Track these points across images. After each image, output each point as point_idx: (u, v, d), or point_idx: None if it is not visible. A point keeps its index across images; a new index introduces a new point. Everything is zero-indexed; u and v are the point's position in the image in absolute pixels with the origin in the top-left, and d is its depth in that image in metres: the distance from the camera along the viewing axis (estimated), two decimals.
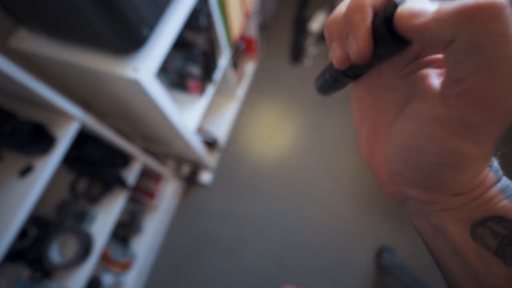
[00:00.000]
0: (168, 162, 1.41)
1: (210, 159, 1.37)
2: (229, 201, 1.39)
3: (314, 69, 1.63)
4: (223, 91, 1.46)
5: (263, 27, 1.69)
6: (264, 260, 1.26)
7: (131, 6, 0.58)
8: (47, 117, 0.70)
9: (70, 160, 0.86)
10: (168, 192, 1.31)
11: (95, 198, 0.95)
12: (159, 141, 1.25)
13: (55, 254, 0.86)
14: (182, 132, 0.95)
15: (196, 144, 1.12)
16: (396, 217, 1.26)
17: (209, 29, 0.98)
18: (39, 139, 0.65)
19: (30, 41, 0.72)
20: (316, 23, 1.69)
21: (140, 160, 1.01)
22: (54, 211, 0.96)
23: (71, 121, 0.70)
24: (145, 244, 1.23)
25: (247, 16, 1.25)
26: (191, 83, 1.03)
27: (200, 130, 1.36)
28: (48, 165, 0.66)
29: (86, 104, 1.03)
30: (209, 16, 0.94)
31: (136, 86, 0.68)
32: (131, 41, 0.64)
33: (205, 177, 1.41)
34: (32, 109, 0.72)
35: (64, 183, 0.99)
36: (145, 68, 0.67)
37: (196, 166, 1.42)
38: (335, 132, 1.43)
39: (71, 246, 0.89)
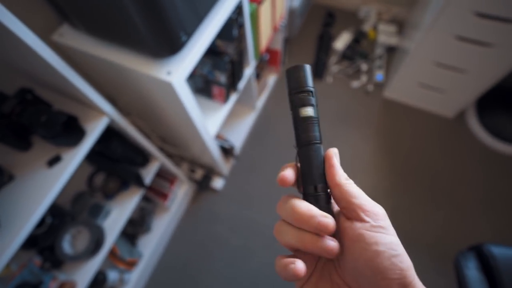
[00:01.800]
0: (182, 165, 1.43)
1: (224, 165, 1.38)
2: (239, 209, 1.39)
3: (334, 86, 1.64)
4: (244, 100, 1.48)
5: (288, 41, 1.72)
6: (269, 272, 1.24)
7: (175, 13, 0.61)
8: (80, 110, 0.72)
9: (92, 153, 0.88)
10: (180, 194, 1.32)
11: (111, 194, 0.97)
12: (177, 143, 1.26)
13: (67, 245, 0.87)
14: (203, 136, 0.96)
15: (214, 149, 1.13)
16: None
17: (240, 39, 1.00)
18: (70, 131, 0.67)
19: (72, 37, 0.75)
20: (340, 43, 1.71)
21: (159, 160, 1.02)
22: (70, 202, 0.97)
23: (101, 116, 0.72)
24: (152, 244, 1.23)
25: (275, 30, 1.27)
26: (216, 90, 1.05)
27: (219, 137, 1.37)
28: (76, 157, 0.68)
29: (111, 100, 1.05)
30: (241, 27, 0.96)
31: (167, 88, 0.70)
32: (169, 46, 0.66)
33: (217, 183, 1.42)
34: (66, 101, 0.74)
35: (82, 175, 1.01)
36: (178, 72, 0.69)
37: (209, 171, 1.43)
38: (349, 153, 1.43)
39: (83, 238, 0.90)
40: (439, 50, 1.18)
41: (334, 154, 0.26)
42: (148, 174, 1.01)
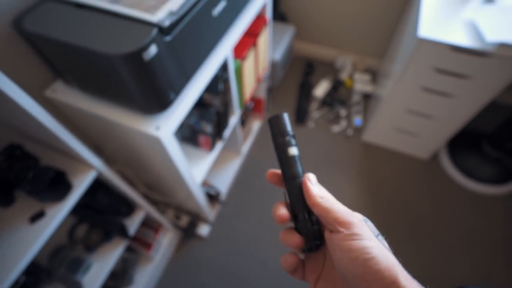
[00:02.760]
0: (168, 212, 1.41)
1: (210, 211, 1.37)
2: (225, 257, 1.35)
3: (316, 131, 1.72)
4: (229, 146, 1.53)
5: (271, 90, 1.83)
6: None
7: (166, 77, 0.66)
8: (67, 163, 0.73)
9: (76, 205, 0.87)
10: (165, 243, 1.28)
11: (93, 246, 0.94)
12: (163, 191, 1.26)
13: None
14: (189, 184, 0.98)
15: (200, 196, 1.14)
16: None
17: (225, 92, 1.07)
18: (56, 186, 0.67)
19: (64, 93, 0.79)
20: (320, 90, 1.84)
21: (144, 209, 1.02)
22: (47, 257, 0.93)
23: (89, 170, 0.73)
24: None
25: (258, 81, 1.37)
26: (202, 139, 1.09)
27: (205, 183, 1.38)
28: (60, 213, 0.68)
29: (98, 148, 1.07)
30: (226, 81, 1.04)
31: (156, 142, 0.73)
32: (158, 104, 0.71)
33: (203, 229, 1.40)
34: (54, 155, 0.75)
35: (62, 227, 0.98)
36: (166, 127, 0.72)
37: (195, 218, 1.41)
38: (333, 195, 1.45)
39: None
40: (408, 98, 1.29)
41: (307, 179, 0.30)
42: (133, 224, 0.99)
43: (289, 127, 0.32)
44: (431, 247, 1.33)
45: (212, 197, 1.37)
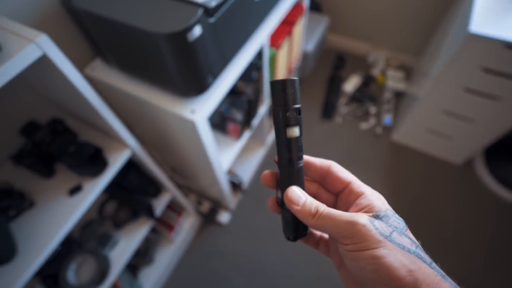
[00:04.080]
0: (190, 196, 1.43)
1: (232, 199, 1.37)
2: (243, 246, 1.36)
3: (343, 127, 1.67)
4: (255, 136, 1.52)
5: (300, 81, 1.79)
6: None
7: (206, 59, 0.65)
8: (103, 140, 0.75)
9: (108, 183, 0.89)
10: (186, 227, 1.31)
11: (120, 224, 0.96)
12: (187, 175, 1.28)
13: (72, 274, 0.85)
14: (216, 171, 0.98)
15: (224, 183, 1.14)
16: None
17: (257, 80, 1.06)
18: (94, 162, 0.69)
19: (103, 72, 0.80)
20: (350, 85, 1.78)
21: (170, 192, 1.03)
22: (78, 230, 0.97)
23: (124, 149, 0.74)
24: (154, 276, 1.19)
25: (289, 71, 1.34)
26: (231, 126, 1.09)
27: (229, 172, 1.39)
28: (96, 188, 0.69)
29: (128, 128, 1.09)
30: (259, 69, 1.02)
31: (190, 126, 0.73)
32: (196, 87, 0.70)
33: (223, 216, 1.41)
34: (91, 131, 0.77)
35: (93, 203, 1.01)
36: (201, 111, 0.72)
37: (216, 204, 1.42)
38: None
39: (89, 268, 0.89)
40: (447, 99, 1.22)
41: (290, 201, 0.26)
42: (159, 205, 1.01)
43: (298, 98, 0.25)
44: (456, 255, 1.27)
45: (235, 186, 1.37)
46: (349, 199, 0.26)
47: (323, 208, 0.24)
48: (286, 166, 0.26)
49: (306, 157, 0.29)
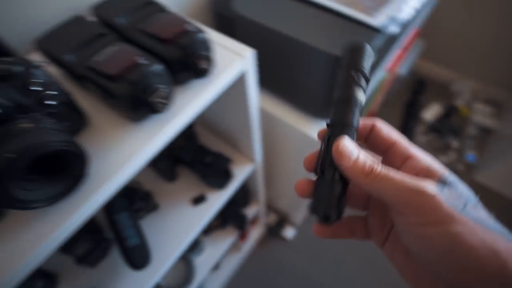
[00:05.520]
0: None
1: (299, 214, 1.33)
2: (306, 264, 1.31)
3: None
4: None
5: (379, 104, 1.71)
6: None
7: None
8: (229, 152, 0.73)
9: None
10: (253, 236, 1.28)
11: (209, 230, 0.95)
12: (267, 184, 1.24)
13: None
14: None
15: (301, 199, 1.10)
16: None
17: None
18: (222, 173, 0.67)
19: None
20: (430, 113, 1.68)
21: (260, 204, 1.00)
22: None
23: (249, 163, 0.72)
24: (218, 283, 1.18)
25: (383, 94, 1.28)
26: None
27: None
28: (219, 200, 0.67)
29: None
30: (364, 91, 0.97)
31: (311, 143, 0.70)
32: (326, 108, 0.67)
33: (289, 232, 1.37)
34: (217, 141, 0.75)
35: None
36: None
37: (283, 218, 1.39)
38: None
39: (176, 272, 0.88)
40: None
41: (342, 148, 0.20)
42: (247, 215, 0.99)
43: (368, 64, 0.24)
44: None
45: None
46: (394, 162, 0.22)
47: (380, 167, 0.19)
48: (338, 127, 0.22)
49: None
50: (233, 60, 0.40)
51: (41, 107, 0.29)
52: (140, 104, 0.32)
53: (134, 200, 0.61)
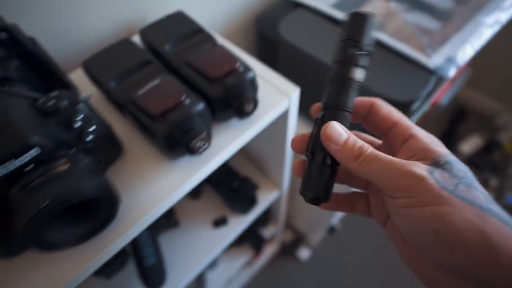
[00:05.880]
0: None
1: (316, 234, 1.29)
2: None
3: None
4: None
5: None
6: None
7: None
8: (256, 176, 0.71)
9: None
10: (266, 253, 1.25)
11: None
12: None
13: None
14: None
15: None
16: None
17: None
18: (247, 199, 0.65)
19: None
20: (468, 145, 1.57)
21: (279, 225, 0.98)
22: None
23: (275, 190, 0.69)
24: None
25: (420, 125, 1.21)
26: None
27: None
28: (241, 225, 0.66)
29: None
30: None
31: None
32: None
33: (303, 252, 1.33)
34: (250, 167, 0.73)
35: None
36: None
37: (299, 236, 1.35)
38: None
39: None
40: None
41: (330, 131, 0.19)
42: (264, 235, 0.96)
43: (369, 37, 0.21)
44: None
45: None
46: (395, 143, 0.21)
47: (369, 150, 0.19)
48: (331, 109, 0.21)
49: None
50: (278, 100, 0.38)
51: (80, 142, 0.28)
52: (179, 146, 0.31)
53: None
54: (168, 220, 0.64)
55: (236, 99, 0.32)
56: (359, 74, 0.21)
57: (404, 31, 0.57)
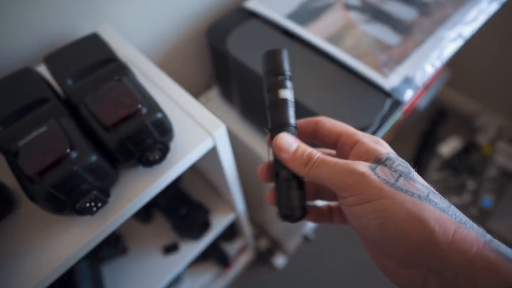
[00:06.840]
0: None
1: (292, 241, 1.26)
2: None
3: None
4: None
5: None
6: None
7: None
8: (211, 198, 0.66)
9: None
10: (240, 262, 1.22)
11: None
12: (254, 204, 1.18)
13: None
14: None
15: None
16: None
17: None
18: (197, 224, 0.61)
19: (217, 106, 0.72)
20: (447, 147, 1.56)
21: (245, 239, 0.94)
22: None
23: (230, 212, 0.65)
24: None
25: (394, 132, 1.18)
26: None
27: None
28: (193, 252, 0.62)
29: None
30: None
31: None
32: None
33: (279, 260, 1.31)
34: (206, 188, 0.69)
35: None
36: None
37: (274, 244, 1.32)
38: None
39: None
40: None
41: (278, 146, 0.21)
42: (231, 250, 0.93)
43: (286, 65, 0.25)
44: None
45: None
46: (344, 151, 0.23)
47: (317, 155, 0.21)
48: (278, 129, 0.23)
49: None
50: (201, 139, 0.34)
51: None
52: (65, 209, 0.26)
53: (100, 246, 0.56)
54: (115, 248, 0.59)
55: (136, 148, 0.28)
56: (287, 94, 0.24)
57: (361, 46, 0.53)
